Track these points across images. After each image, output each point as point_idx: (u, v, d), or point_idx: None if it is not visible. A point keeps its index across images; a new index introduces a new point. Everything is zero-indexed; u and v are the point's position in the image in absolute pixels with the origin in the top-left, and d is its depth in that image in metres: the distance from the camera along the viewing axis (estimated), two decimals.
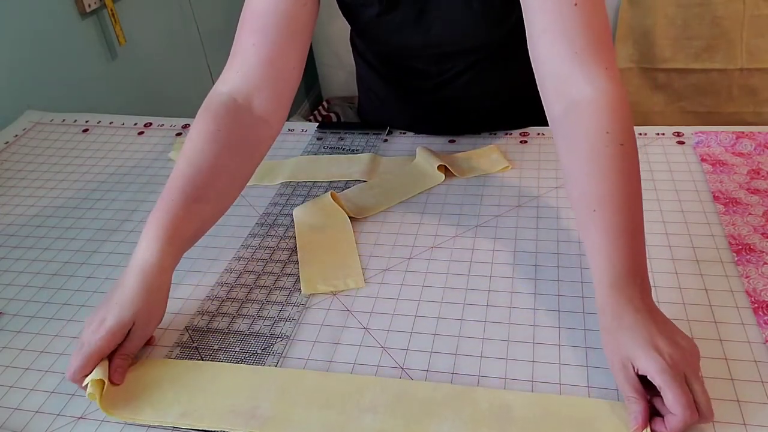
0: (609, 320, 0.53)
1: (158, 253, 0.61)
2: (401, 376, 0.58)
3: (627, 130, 0.60)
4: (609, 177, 0.57)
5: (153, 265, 0.61)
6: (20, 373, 0.62)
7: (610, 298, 0.53)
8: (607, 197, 0.57)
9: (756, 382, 0.54)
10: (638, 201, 0.58)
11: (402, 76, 0.94)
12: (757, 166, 0.81)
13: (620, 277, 0.53)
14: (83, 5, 1.38)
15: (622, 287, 0.53)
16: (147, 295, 0.60)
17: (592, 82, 0.61)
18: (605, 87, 0.61)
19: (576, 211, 0.60)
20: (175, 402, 0.57)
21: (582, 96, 0.61)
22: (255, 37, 0.72)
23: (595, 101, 0.61)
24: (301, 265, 0.72)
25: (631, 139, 0.60)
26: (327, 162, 0.91)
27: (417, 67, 0.90)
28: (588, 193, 0.58)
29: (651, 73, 2.11)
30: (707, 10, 1.97)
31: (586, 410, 0.53)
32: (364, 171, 0.87)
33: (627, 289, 0.53)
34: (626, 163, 0.58)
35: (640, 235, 0.56)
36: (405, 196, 0.82)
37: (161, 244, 0.61)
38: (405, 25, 0.82)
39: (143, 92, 1.62)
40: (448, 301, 0.66)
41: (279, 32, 0.72)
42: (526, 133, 0.93)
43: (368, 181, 0.86)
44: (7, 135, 1.07)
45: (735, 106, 2.09)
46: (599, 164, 0.58)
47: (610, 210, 0.56)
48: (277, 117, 0.74)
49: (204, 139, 0.68)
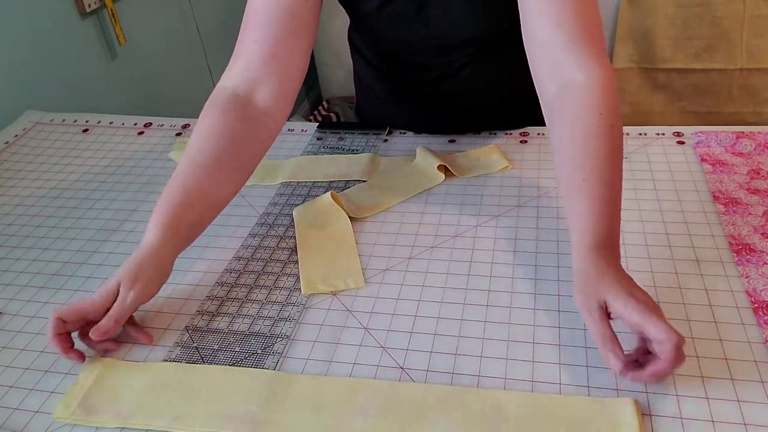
0: (591, 277, 0.56)
1: (155, 237, 0.65)
2: (401, 376, 0.58)
3: (616, 112, 0.64)
4: (599, 153, 0.62)
5: (149, 243, 0.65)
6: (20, 373, 0.62)
7: (591, 258, 0.57)
8: (596, 170, 0.61)
9: (756, 382, 0.54)
10: (620, 178, 0.63)
11: (402, 73, 0.94)
12: (757, 166, 0.81)
13: (602, 242, 0.58)
14: (83, 5, 1.38)
15: (602, 250, 0.57)
16: (137, 266, 0.63)
17: (585, 67, 0.65)
18: (597, 72, 0.65)
19: (564, 179, 0.64)
20: (167, 406, 0.56)
21: (576, 79, 0.65)
22: (257, 33, 0.73)
23: (589, 85, 0.65)
24: (301, 265, 0.72)
25: (619, 122, 0.64)
26: (327, 162, 0.91)
27: (417, 61, 0.90)
28: (580, 165, 0.62)
29: (651, 73, 2.11)
30: (707, 10, 1.97)
31: (579, 409, 0.53)
32: (364, 171, 0.87)
33: (606, 252, 0.57)
34: (615, 142, 0.63)
35: (618, 209, 0.61)
36: (405, 196, 0.82)
37: (159, 229, 0.65)
38: (405, 17, 0.82)
39: (143, 92, 1.62)
40: (448, 301, 0.66)
41: (281, 28, 0.72)
42: (526, 133, 0.93)
43: (368, 181, 0.86)
44: (7, 135, 1.07)
45: (735, 106, 2.09)
46: (592, 141, 0.63)
47: (599, 182, 0.60)
48: (280, 112, 0.75)
49: (210, 132, 0.70)
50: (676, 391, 0.54)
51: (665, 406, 0.53)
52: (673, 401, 0.53)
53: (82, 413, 0.56)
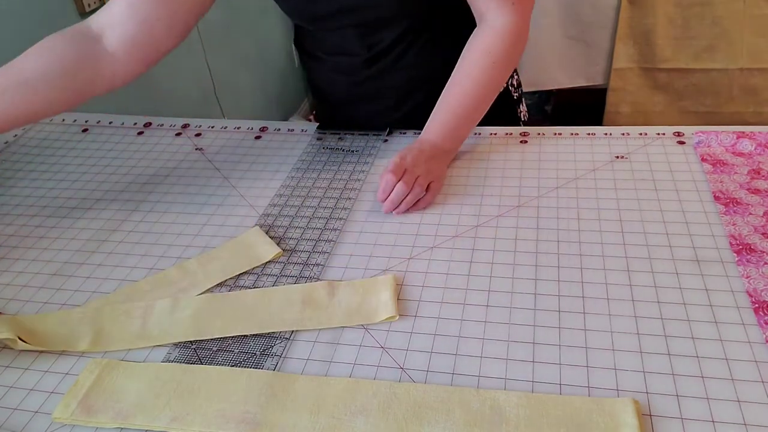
0: (418, 144, 0.83)
1: None
2: (401, 376, 0.58)
3: (506, 53, 0.84)
4: (475, 78, 0.84)
5: None
6: (20, 373, 0.62)
7: (428, 138, 0.84)
8: (468, 88, 0.84)
9: (756, 382, 0.54)
10: (484, 106, 0.86)
11: (338, 57, 0.99)
12: (758, 166, 0.81)
13: (441, 136, 0.84)
14: (83, 5, 1.38)
15: (439, 141, 0.84)
16: None
17: (499, 13, 0.83)
18: (510, 20, 0.82)
19: (446, 89, 0.85)
20: (167, 407, 0.56)
21: (489, 23, 0.84)
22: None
23: (496, 28, 0.83)
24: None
25: (506, 60, 0.84)
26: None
27: (346, 47, 0.96)
28: (456, 81, 0.85)
29: (651, 73, 2.11)
30: (707, 9, 1.97)
31: (579, 409, 0.53)
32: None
33: (440, 143, 0.84)
34: (493, 73, 0.84)
35: (467, 125, 0.86)
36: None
37: None
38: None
39: (143, 92, 1.62)
40: (448, 301, 0.66)
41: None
42: (526, 133, 0.93)
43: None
44: (7, 135, 1.07)
45: (735, 106, 2.09)
46: (474, 69, 0.84)
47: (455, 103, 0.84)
48: (127, 59, 0.82)
49: (41, 46, 0.79)
50: (676, 391, 0.54)
51: (665, 406, 0.53)
52: (673, 401, 0.53)
53: (82, 413, 0.56)
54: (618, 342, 0.59)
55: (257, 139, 1.00)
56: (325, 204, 0.83)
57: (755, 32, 1.97)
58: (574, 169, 0.84)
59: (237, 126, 1.04)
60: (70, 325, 0.66)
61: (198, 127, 1.05)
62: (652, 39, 2.04)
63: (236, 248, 0.75)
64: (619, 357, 0.58)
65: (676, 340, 0.59)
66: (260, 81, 2.39)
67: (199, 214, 0.83)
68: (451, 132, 0.85)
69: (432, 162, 0.81)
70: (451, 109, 0.85)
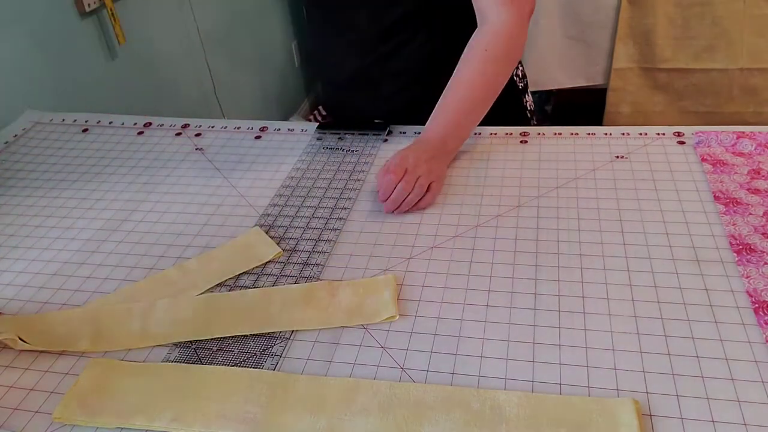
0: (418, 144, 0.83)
1: None
2: (401, 376, 0.58)
3: (506, 52, 0.86)
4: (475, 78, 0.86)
5: None
6: (20, 373, 0.62)
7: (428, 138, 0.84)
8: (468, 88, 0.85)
9: (756, 382, 0.54)
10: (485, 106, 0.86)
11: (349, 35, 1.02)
12: (758, 166, 0.81)
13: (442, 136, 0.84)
14: (83, 5, 1.38)
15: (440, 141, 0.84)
16: None
17: (498, 11, 0.85)
18: (506, 19, 0.85)
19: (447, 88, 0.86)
20: (167, 407, 0.56)
21: (489, 23, 0.86)
22: None
23: (494, 27, 0.85)
24: None
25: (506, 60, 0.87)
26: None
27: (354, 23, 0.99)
28: (457, 81, 0.86)
29: (651, 73, 2.11)
30: (707, 9, 1.96)
31: (579, 409, 0.53)
32: None
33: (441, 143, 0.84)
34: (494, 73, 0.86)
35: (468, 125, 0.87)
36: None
37: None
38: None
39: (143, 92, 1.62)
40: (448, 301, 0.66)
41: None
42: (526, 133, 0.93)
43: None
44: (7, 135, 1.07)
45: (735, 106, 2.09)
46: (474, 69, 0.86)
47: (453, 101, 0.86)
48: None
49: None
50: (676, 391, 0.54)
51: (665, 406, 0.53)
52: (673, 401, 0.53)
53: (82, 413, 0.56)
54: (618, 342, 0.59)
55: (257, 139, 1.00)
56: (325, 204, 0.83)
57: (755, 32, 1.97)
58: (574, 169, 0.84)
59: (237, 126, 1.04)
60: (70, 325, 0.66)
61: (198, 127, 1.05)
62: (652, 39, 2.04)
63: (236, 248, 0.75)
64: (619, 357, 0.58)
65: (676, 340, 0.59)
66: (260, 81, 2.39)
67: (199, 214, 0.83)
68: (452, 132, 0.85)
69: (433, 162, 0.81)
70: (451, 108, 0.85)
